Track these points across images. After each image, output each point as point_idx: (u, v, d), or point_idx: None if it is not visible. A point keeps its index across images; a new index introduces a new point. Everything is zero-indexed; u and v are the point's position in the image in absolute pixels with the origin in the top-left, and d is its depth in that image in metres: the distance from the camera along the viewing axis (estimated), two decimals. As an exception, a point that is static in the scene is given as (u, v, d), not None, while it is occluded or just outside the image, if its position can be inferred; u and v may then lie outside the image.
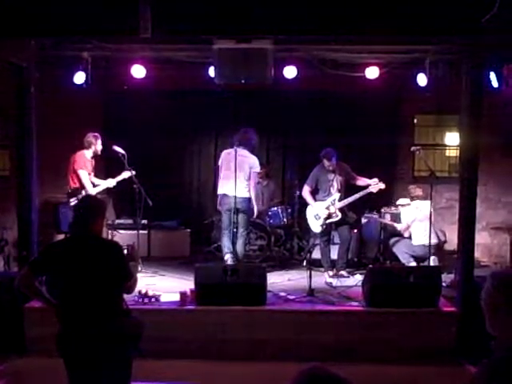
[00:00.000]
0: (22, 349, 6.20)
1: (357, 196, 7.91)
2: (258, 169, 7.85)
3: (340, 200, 7.89)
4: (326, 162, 7.84)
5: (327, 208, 7.87)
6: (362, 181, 7.97)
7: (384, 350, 6.15)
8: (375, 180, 7.86)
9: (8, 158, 10.00)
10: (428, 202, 7.84)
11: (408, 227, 8.31)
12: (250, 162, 7.70)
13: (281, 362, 5.77)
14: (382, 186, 7.87)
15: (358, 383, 1.98)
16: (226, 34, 6.47)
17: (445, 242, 8.53)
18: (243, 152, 7.67)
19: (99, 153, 7.98)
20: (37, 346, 6.02)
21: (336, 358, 5.69)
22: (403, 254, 8.17)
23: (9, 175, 9.79)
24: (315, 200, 8.00)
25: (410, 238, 8.30)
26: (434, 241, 7.92)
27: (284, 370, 2.03)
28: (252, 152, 7.82)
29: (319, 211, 7.91)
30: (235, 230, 7.70)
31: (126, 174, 7.96)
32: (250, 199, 7.77)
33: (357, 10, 6.24)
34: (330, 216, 7.87)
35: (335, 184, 7.91)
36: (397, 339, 6.19)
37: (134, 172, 7.95)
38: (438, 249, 8.23)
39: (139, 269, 7.78)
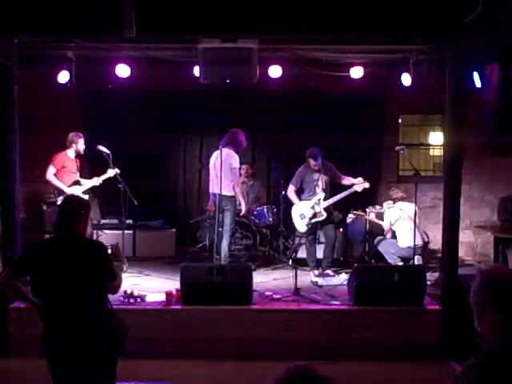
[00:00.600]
0: (6, 350, 6.15)
1: (342, 195, 7.93)
2: (236, 165, 7.85)
3: (325, 199, 7.90)
4: (311, 162, 7.84)
5: (312, 207, 7.87)
6: (346, 180, 8.00)
7: (370, 349, 6.18)
8: (360, 179, 7.89)
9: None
10: (412, 204, 7.89)
11: (390, 227, 8.35)
12: (231, 160, 7.73)
13: (267, 361, 5.76)
14: (367, 185, 7.90)
15: (344, 382, 1.99)
16: (211, 33, 6.47)
17: (428, 242, 8.59)
18: (228, 151, 7.70)
19: (81, 152, 7.98)
20: (21, 347, 5.97)
21: (322, 357, 5.72)
22: (390, 254, 8.20)
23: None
24: (300, 199, 8.01)
25: (392, 238, 8.35)
26: (419, 242, 7.99)
27: (270, 370, 2.03)
28: (236, 152, 7.84)
29: (304, 211, 7.92)
30: (220, 228, 7.72)
31: (111, 173, 7.96)
32: (234, 197, 7.79)
33: (341, 9, 6.27)
34: (315, 215, 7.87)
35: (320, 183, 7.91)
36: (382, 337, 6.22)
37: (118, 170, 7.95)
38: (424, 249, 8.29)
39: (124, 269, 7.74)
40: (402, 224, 8.21)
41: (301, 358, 5.58)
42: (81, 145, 7.92)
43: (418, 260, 7.83)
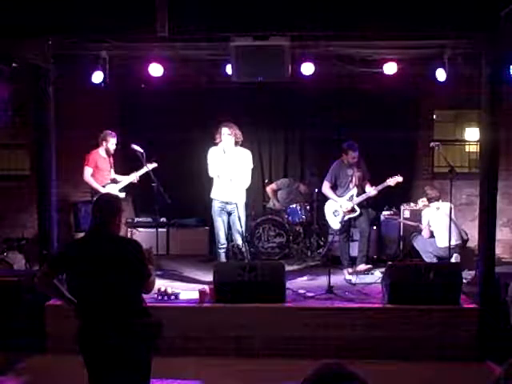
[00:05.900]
0: (43, 346, 6.26)
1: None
2: None
3: (358, 195, 7.85)
4: (351, 154, 7.74)
5: (346, 203, 7.82)
6: (368, 187, 7.90)
7: (404, 348, 6.12)
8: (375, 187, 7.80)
9: (28, 157, 10.09)
10: (448, 202, 7.76)
11: (428, 227, 8.22)
12: None
13: (300, 359, 5.75)
14: (400, 178, 7.77)
15: (379, 380, 1.96)
16: (243, 31, 6.47)
17: (467, 240, 8.43)
18: None
19: (111, 151, 8.02)
20: (58, 344, 6.08)
21: (356, 356, 5.68)
22: (427, 253, 8.08)
23: (28, 175, 9.88)
24: (334, 196, 7.97)
25: (430, 237, 8.21)
26: (457, 242, 7.87)
27: (303, 368, 2.01)
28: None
29: (338, 207, 7.87)
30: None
31: (148, 167, 7.99)
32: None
33: (374, 4, 6.21)
34: (348, 212, 7.81)
35: (354, 179, 7.86)
36: (417, 336, 6.15)
37: (155, 164, 8.00)
38: (462, 247, 8.15)
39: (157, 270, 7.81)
40: (440, 223, 8.08)
41: (334, 357, 5.55)
42: (111, 144, 7.97)
43: (455, 259, 7.71)
